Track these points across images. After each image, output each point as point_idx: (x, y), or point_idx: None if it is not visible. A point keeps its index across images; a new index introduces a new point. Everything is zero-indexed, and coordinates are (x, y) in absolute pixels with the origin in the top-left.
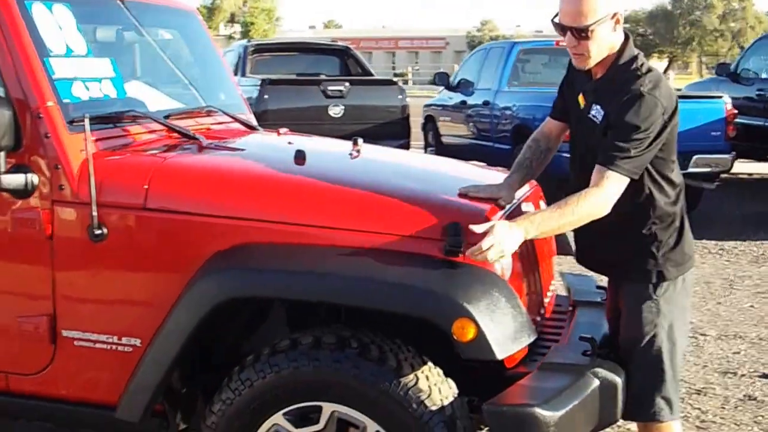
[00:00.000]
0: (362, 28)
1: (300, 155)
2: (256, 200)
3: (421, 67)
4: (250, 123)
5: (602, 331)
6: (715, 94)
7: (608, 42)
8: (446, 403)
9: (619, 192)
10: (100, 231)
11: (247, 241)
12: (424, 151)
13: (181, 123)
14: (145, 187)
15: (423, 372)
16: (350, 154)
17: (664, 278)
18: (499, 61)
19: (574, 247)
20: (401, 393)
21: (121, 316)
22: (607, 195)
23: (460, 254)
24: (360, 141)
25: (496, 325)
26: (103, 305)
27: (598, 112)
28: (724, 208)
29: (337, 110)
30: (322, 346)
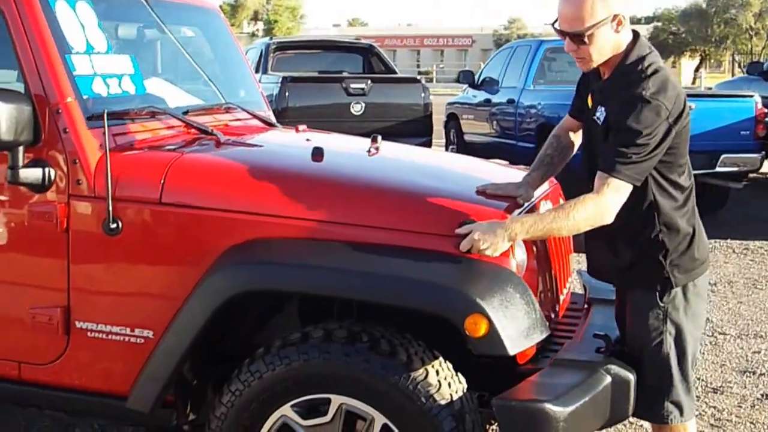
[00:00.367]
0: (387, 26)
1: (318, 152)
2: (272, 196)
3: (446, 65)
4: (269, 120)
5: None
6: (745, 93)
7: (610, 44)
8: (455, 397)
9: (621, 199)
10: (116, 225)
11: (262, 236)
12: (446, 149)
13: (199, 119)
14: (161, 182)
15: (433, 366)
16: (368, 152)
17: (671, 285)
18: (525, 59)
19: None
20: (410, 386)
21: (135, 308)
22: (607, 203)
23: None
24: (379, 138)
25: (508, 321)
26: (117, 297)
27: (601, 114)
28: (751, 208)
29: (359, 108)
30: (333, 339)
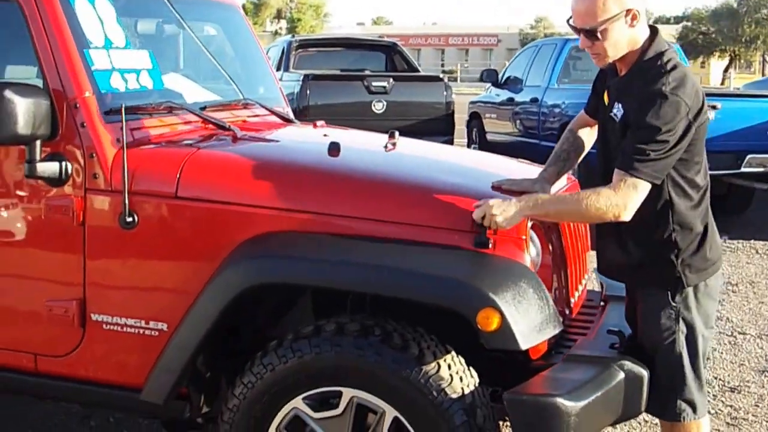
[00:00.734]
0: (412, 25)
1: (334, 147)
2: (286, 190)
3: (471, 64)
4: (287, 116)
5: None
6: None
7: (625, 39)
8: (467, 391)
9: (640, 198)
10: (131, 219)
11: (277, 230)
12: (467, 148)
13: (217, 115)
14: (177, 176)
15: (445, 360)
16: (385, 147)
17: (683, 285)
18: (550, 58)
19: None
20: (422, 380)
21: (149, 301)
22: (623, 201)
23: (489, 246)
24: (396, 134)
25: (521, 315)
26: (132, 290)
27: (618, 111)
28: None
29: (381, 106)
30: (345, 333)
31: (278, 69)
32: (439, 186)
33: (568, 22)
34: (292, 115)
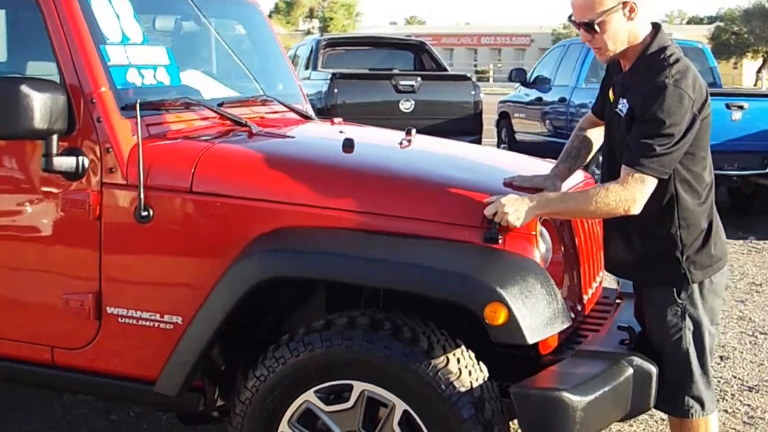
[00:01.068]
0: (445, 24)
1: (348, 143)
2: (299, 185)
3: (503, 64)
4: (306, 113)
5: None
6: None
7: (624, 33)
8: (475, 385)
9: (648, 192)
10: (147, 213)
11: (289, 225)
12: (497, 147)
13: (235, 111)
14: (192, 171)
15: (454, 355)
16: (400, 143)
17: (689, 282)
18: (578, 57)
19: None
20: (430, 374)
21: (164, 294)
22: (632, 195)
23: (499, 242)
24: (413, 131)
25: (528, 310)
26: (147, 284)
27: (624, 106)
28: None
29: (408, 105)
30: (356, 326)
31: (306, 67)
32: (451, 182)
33: (569, 18)
34: (311, 112)
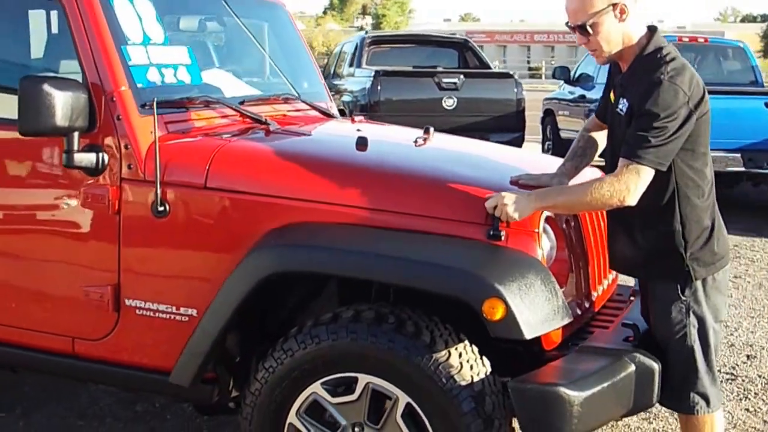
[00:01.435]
0: (500, 22)
1: (362, 141)
2: (309, 182)
3: (557, 61)
4: (328, 111)
5: None
6: None
7: (617, 34)
8: (476, 379)
9: (643, 183)
10: (163, 208)
11: (298, 220)
12: (542, 145)
13: (257, 109)
14: (207, 168)
15: (456, 349)
16: (415, 142)
17: (692, 278)
18: None
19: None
20: (432, 367)
21: (180, 287)
22: (626, 186)
23: (502, 239)
24: (431, 130)
25: (526, 305)
26: (164, 277)
27: (623, 105)
28: None
29: (451, 102)
30: (361, 320)
31: (351, 65)
32: (457, 180)
33: (567, 25)
34: (334, 110)
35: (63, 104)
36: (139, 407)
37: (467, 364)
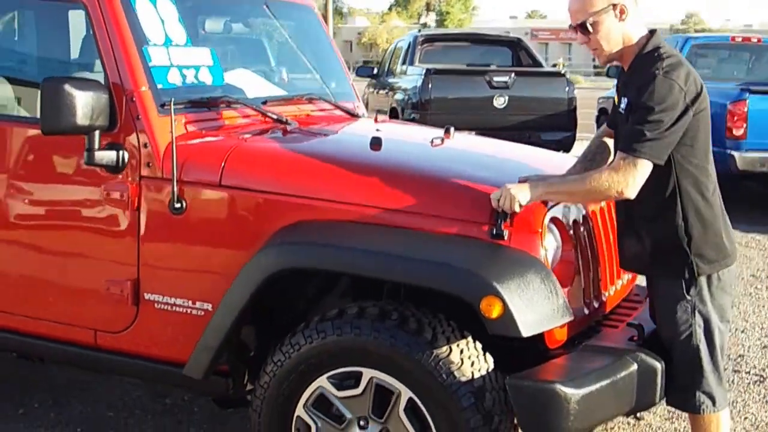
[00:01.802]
0: (565, 19)
1: (376, 141)
2: (319, 180)
3: None
4: (353, 111)
5: None
6: None
7: (617, 33)
8: (477, 375)
9: (640, 176)
10: (180, 205)
11: (308, 218)
12: None
13: (280, 109)
14: (222, 166)
15: (458, 345)
16: (431, 142)
17: (696, 276)
18: None
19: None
20: (432, 363)
21: (196, 282)
22: (624, 178)
23: (505, 238)
24: (452, 130)
25: (524, 304)
26: (181, 272)
27: (624, 103)
28: None
29: (502, 101)
30: (365, 316)
31: (404, 63)
32: (464, 180)
33: (569, 26)
34: (361, 110)
35: (84, 104)
36: (169, 400)
37: (468, 360)
